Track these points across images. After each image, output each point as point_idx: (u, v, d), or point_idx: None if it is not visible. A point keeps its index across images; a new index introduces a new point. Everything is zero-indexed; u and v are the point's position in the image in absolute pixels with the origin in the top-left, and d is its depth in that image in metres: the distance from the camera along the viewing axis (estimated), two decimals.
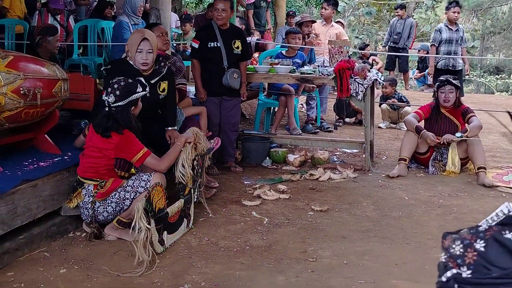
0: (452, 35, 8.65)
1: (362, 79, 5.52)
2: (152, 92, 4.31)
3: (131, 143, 3.75)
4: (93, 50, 7.71)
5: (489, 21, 20.68)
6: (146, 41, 4.23)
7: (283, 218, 4.27)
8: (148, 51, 4.24)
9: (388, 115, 8.32)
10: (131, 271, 3.25)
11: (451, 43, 8.65)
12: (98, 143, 3.73)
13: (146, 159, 3.76)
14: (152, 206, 3.50)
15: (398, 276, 3.28)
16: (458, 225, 4.16)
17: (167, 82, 4.48)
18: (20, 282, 3.11)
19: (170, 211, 3.69)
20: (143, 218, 3.36)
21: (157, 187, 3.61)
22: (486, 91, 18.57)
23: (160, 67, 4.40)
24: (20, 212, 3.45)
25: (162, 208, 3.62)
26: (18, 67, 3.71)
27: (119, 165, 3.79)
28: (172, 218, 3.73)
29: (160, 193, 3.61)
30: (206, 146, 4.31)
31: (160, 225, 3.56)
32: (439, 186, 5.15)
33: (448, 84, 5.55)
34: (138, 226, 3.33)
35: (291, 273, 3.29)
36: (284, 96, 7.00)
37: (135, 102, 3.84)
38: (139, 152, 3.74)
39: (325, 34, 8.22)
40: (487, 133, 7.70)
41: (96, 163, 3.74)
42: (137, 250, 3.28)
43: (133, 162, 3.76)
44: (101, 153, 3.72)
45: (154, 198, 3.54)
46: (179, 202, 3.86)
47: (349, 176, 5.42)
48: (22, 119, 3.81)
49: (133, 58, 4.27)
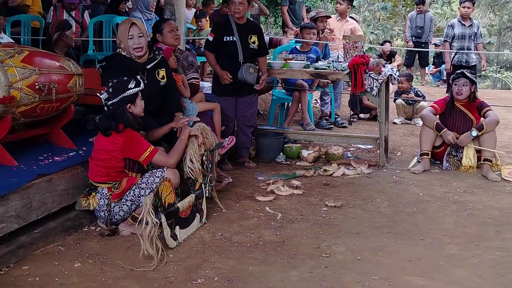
0: (464, 30, 8.55)
1: (377, 74, 5.48)
2: (153, 79, 4.33)
3: (137, 142, 3.75)
4: (108, 45, 7.74)
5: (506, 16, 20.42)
6: (134, 26, 4.22)
7: (297, 213, 4.26)
8: (138, 35, 4.21)
9: (403, 111, 8.27)
10: (145, 265, 3.27)
11: (464, 39, 8.55)
12: (104, 145, 3.74)
13: (153, 157, 3.75)
14: (161, 201, 3.53)
15: (412, 272, 3.26)
16: (473, 221, 4.13)
17: (164, 69, 4.48)
18: (35, 276, 3.14)
19: (181, 206, 3.71)
20: (151, 213, 3.39)
21: (165, 182, 3.63)
22: (503, 87, 18.36)
23: (154, 55, 4.40)
24: (36, 206, 3.47)
25: (172, 203, 3.63)
26: (33, 62, 3.74)
27: (129, 166, 3.78)
28: (184, 213, 3.74)
29: (168, 188, 3.63)
30: (215, 141, 4.30)
31: (171, 220, 3.59)
32: (454, 182, 5.11)
33: (462, 77, 5.50)
34: (146, 220, 3.36)
35: (304, 269, 3.29)
36: (297, 91, 6.98)
37: (130, 99, 3.78)
38: (146, 151, 3.73)
39: (339, 29, 8.18)
40: (503, 128, 7.63)
41: (105, 166, 3.75)
42: (142, 244, 3.31)
43: (141, 161, 3.75)
44: (108, 155, 3.73)
45: (162, 193, 3.56)
46: (190, 197, 3.87)
47: (363, 172, 5.40)
48: (38, 114, 3.83)
49: (126, 47, 4.26)
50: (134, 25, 4.22)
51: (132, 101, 3.80)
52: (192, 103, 4.94)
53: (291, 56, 6.21)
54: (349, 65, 5.49)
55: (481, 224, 4.09)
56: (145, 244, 3.32)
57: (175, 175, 3.87)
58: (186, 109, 4.79)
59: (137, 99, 3.82)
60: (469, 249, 3.60)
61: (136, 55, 4.24)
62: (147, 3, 7.26)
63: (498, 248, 3.63)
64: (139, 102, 3.85)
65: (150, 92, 4.19)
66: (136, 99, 3.82)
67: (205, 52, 5.56)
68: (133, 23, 4.23)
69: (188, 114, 4.80)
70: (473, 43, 8.67)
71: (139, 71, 4.22)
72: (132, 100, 3.80)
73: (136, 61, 4.25)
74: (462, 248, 3.62)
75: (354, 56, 5.66)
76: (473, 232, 3.92)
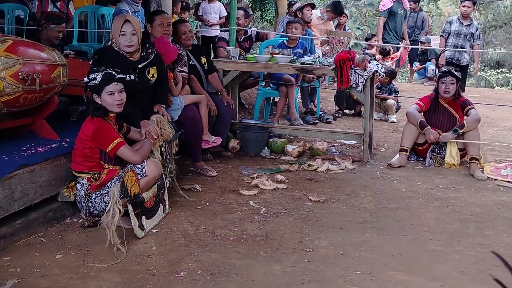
0: (461, 29, 8.51)
1: (362, 70, 5.50)
2: (141, 77, 4.32)
3: (105, 132, 3.71)
4: (93, 36, 7.68)
5: (491, 15, 20.62)
6: (128, 24, 4.20)
7: (281, 208, 4.27)
8: (132, 33, 4.20)
9: (379, 106, 8.26)
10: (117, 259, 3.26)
11: (459, 37, 8.52)
12: (80, 134, 3.75)
13: (119, 149, 3.71)
14: (127, 191, 3.53)
15: (394, 267, 3.28)
16: (455, 218, 4.17)
17: (156, 68, 4.47)
18: (16, 267, 3.11)
19: (145, 196, 3.72)
20: (118, 203, 3.42)
21: (129, 172, 3.63)
22: (487, 85, 18.54)
23: (147, 53, 4.39)
24: (17, 197, 3.44)
25: (137, 193, 3.64)
26: (17, 51, 3.69)
27: (104, 158, 3.77)
28: (148, 203, 3.77)
29: (133, 178, 3.63)
30: (172, 132, 4.30)
31: (137, 210, 3.61)
32: (437, 179, 5.15)
33: (449, 75, 5.53)
34: (113, 210, 3.38)
35: (287, 263, 3.29)
36: (285, 86, 6.98)
37: (93, 89, 3.73)
38: (113, 142, 3.69)
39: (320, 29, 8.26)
40: (486, 126, 7.70)
41: (81, 155, 3.74)
42: (109, 234, 3.32)
43: (108, 151, 3.71)
44: (82, 144, 3.72)
45: (128, 183, 3.56)
46: (153, 188, 3.87)
47: (347, 167, 5.42)
48: (21, 104, 3.79)
49: (117, 43, 4.24)
50: (128, 22, 4.20)
51: (97, 91, 3.74)
52: (179, 96, 4.93)
53: (277, 51, 6.22)
54: (335, 61, 5.50)
55: (463, 220, 4.12)
56: (111, 234, 3.32)
57: (156, 166, 3.86)
58: (172, 103, 4.78)
59: (102, 92, 3.73)
60: (451, 245, 3.63)
61: (126, 51, 4.22)
62: None
63: (479, 244, 3.66)
64: (107, 97, 3.73)
65: (137, 89, 4.17)
66: (102, 92, 3.73)
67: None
68: (127, 20, 4.21)
69: (174, 108, 4.81)
70: (469, 43, 8.58)
71: (129, 69, 4.20)
72: (97, 91, 3.74)
73: (128, 58, 4.23)
74: (444, 244, 3.65)
75: (340, 52, 5.67)
76: (454, 229, 3.95)
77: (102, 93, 3.73)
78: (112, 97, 3.75)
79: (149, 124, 4.05)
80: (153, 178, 3.83)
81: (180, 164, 4.98)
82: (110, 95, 3.74)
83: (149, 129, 4.00)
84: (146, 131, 3.99)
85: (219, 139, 5.30)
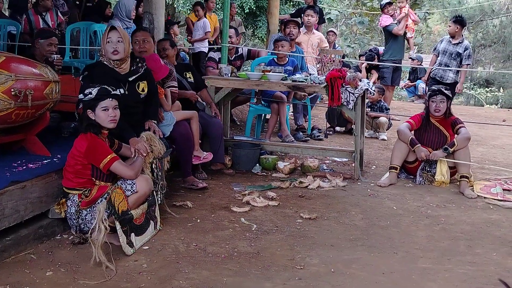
0: (448, 47, 8.53)
1: (353, 88, 5.54)
2: (132, 91, 4.33)
3: (98, 148, 3.72)
4: (85, 52, 7.70)
5: (480, 34, 20.83)
6: (114, 31, 4.22)
7: (272, 225, 4.27)
8: (117, 40, 4.21)
9: (370, 124, 8.30)
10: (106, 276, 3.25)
11: (444, 55, 8.54)
12: (73, 150, 3.75)
13: (113, 164, 3.71)
14: (114, 208, 3.53)
15: (385, 285, 3.29)
16: (445, 236, 4.18)
17: (146, 82, 4.48)
18: (5, 284, 3.09)
19: (134, 213, 3.71)
20: (103, 220, 3.42)
21: (117, 189, 3.63)
22: (476, 104, 18.69)
23: (137, 67, 4.41)
24: (8, 214, 3.43)
25: (125, 210, 3.63)
26: (9, 68, 3.71)
27: (96, 174, 3.77)
28: (138, 220, 3.76)
29: (120, 195, 3.62)
30: (163, 148, 4.30)
31: (126, 227, 3.60)
32: (427, 197, 5.17)
33: (439, 93, 5.58)
34: (98, 227, 3.37)
35: (278, 280, 3.29)
36: (276, 103, 7.01)
37: (88, 104, 3.75)
38: (106, 158, 3.69)
39: (307, 42, 8.26)
40: (476, 145, 7.76)
41: (73, 171, 3.74)
42: (94, 251, 3.32)
43: (101, 167, 3.71)
44: (74, 160, 3.72)
45: (115, 200, 3.55)
46: (143, 205, 3.86)
47: (338, 185, 5.43)
48: (12, 120, 3.79)
49: (104, 51, 4.25)
50: (114, 29, 4.22)
51: (91, 106, 3.75)
52: (170, 112, 4.94)
53: (269, 68, 6.25)
54: (326, 79, 5.54)
55: (453, 238, 4.14)
56: (97, 251, 3.32)
57: (147, 182, 3.86)
58: (163, 119, 4.79)
59: (96, 108, 3.74)
60: (441, 263, 3.65)
61: (112, 59, 4.22)
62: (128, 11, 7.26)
63: (470, 262, 3.68)
64: (101, 112, 3.75)
65: (128, 103, 4.18)
66: (96, 106, 3.75)
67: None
68: (113, 27, 4.23)
69: (166, 124, 4.81)
70: (455, 61, 8.55)
71: (119, 82, 4.21)
72: (91, 106, 3.75)
73: (116, 71, 4.24)
74: (434, 262, 3.66)
75: (331, 70, 5.72)
76: (445, 247, 3.97)
77: (96, 108, 3.74)
78: (106, 113, 3.75)
79: (138, 142, 4.05)
80: (144, 194, 3.83)
81: (171, 181, 4.98)
82: (104, 110, 3.75)
83: (138, 146, 4.00)
84: (135, 148, 4.00)
85: (210, 154, 5.31)
